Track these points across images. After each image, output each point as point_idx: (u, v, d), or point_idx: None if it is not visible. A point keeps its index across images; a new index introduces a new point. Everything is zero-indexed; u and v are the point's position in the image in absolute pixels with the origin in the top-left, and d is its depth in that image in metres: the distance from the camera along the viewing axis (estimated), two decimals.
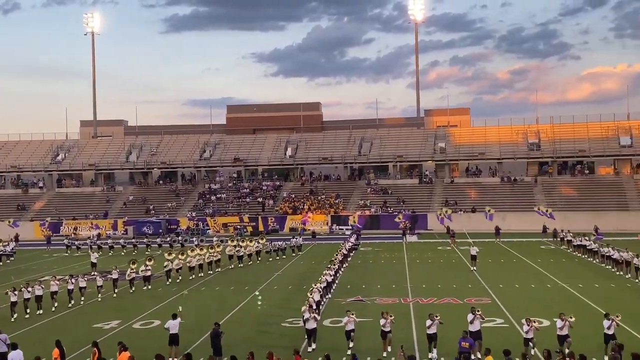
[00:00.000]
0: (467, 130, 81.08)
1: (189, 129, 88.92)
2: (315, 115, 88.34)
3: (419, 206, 67.75)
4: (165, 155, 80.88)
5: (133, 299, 31.76)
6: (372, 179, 74.87)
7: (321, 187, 74.15)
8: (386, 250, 48.98)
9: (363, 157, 77.36)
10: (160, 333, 23.10)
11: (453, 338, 19.65)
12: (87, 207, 73.64)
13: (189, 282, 36.00)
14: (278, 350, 20.73)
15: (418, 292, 31.11)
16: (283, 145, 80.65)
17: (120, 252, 51.85)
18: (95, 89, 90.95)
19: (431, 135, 79.17)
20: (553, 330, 20.36)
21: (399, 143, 78.56)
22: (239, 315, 27.12)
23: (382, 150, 77.62)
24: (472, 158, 75.08)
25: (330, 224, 65.75)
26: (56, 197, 76.81)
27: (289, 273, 38.91)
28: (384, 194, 70.86)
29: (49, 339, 21.72)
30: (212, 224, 67.07)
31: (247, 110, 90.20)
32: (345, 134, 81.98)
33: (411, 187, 72.89)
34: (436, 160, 75.71)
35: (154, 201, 73.76)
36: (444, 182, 72.99)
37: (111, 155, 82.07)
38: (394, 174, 76.82)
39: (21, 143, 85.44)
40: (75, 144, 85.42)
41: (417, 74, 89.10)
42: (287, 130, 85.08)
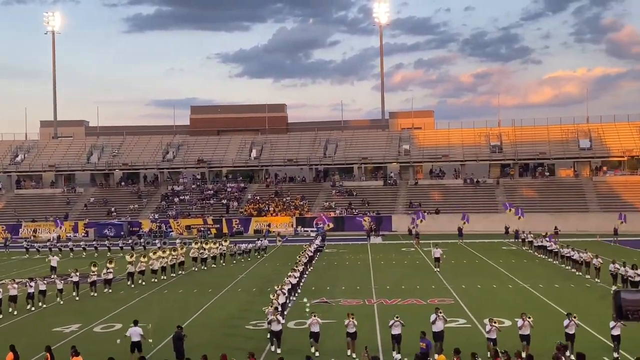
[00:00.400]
0: (431, 132, 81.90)
1: (152, 129, 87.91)
2: (280, 116, 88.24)
3: (384, 208, 68.13)
4: (127, 156, 79.82)
5: (94, 302, 31.20)
6: (337, 181, 75.05)
7: (286, 188, 74.03)
8: (351, 252, 49.10)
9: (328, 158, 77.50)
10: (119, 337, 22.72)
11: (417, 339, 19.76)
12: (47, 208, 72.17)
13: (152, 285, 35.54)
14: (242, 353, 20.59)
15: (382, 293, 31.23)
16: (248, 147, 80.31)
17: (81, 254, 50.96)
18: (56, 89, 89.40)
19: (395, 138, 79.73)
20: (515, 330, 20.62)
21: (364, 145, 78.93)
22: (202, 319, 26.85)
23: (347, 152, 77.87)
24: (436, 160, 75.88)
25: (295, 225, 65.65)
26: (15, 198, 75.17)
27: (253, 275, 38.71)
28: (348, 196, 71.08)
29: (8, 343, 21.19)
30: (175, 226, 66.40)
31: (212, 111, 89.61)
32: (311, 135, 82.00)
33: (376, 189, 73.27)
34: (400, 162, 76.26)
35: (116, 203, 72.69)
36: (408, 183, 73.57)
37: (72, 156, 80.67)
38: (359, 175, 77.15)
39: None
40: (35, 145, 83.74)
41: (381, 76, 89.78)
42: (252, 131, 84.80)
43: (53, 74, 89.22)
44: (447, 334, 20.50)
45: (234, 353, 20.53)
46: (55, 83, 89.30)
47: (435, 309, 20.85)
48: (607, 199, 65.66)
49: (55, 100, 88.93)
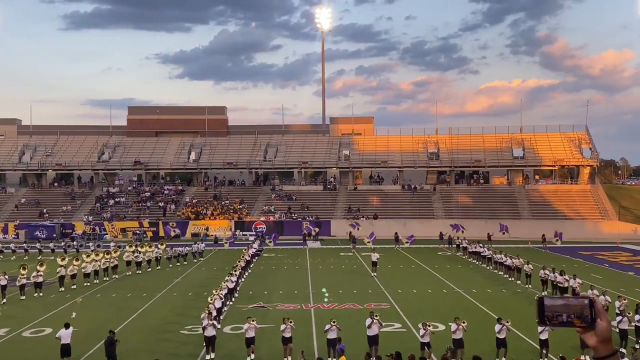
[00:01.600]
0: (370, 138, 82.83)
1: (88, 129, 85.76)
2: (221, 119, 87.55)
3: (323, 212, 68.43)
4: (61, 156, 77.57)
5: (23, 306, 30.15)
6: (277, 185, 74.95)
7: (225, 192, 73.43)
8: (289, 256, 49.09)
9: (268, 162, 77.33)
10: (51, 342, 22.05)
11: (353, 343, 19.92)
12: None
13: (84, 288, 34.60)
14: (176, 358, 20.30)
15: (320, 298, 31.33)
16: (187, 149, 79.30)
17: (10, 256, 49.16)
18: None
19: (336, 143, 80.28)
20: (448, 334, 21.04)
21: (304, 149, 79.14)
22: (136, 323, 26.31)
23: (287, 156, 77.90)
24: (375, 166, 76.78)
25: (234, 229, 65.18)
26: None
27: (189, 279, 38.19)
28: (288, 200, 71.08)
29: None
30: (110, 228, 64.91)
31: (150, 112, 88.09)
32: (251, 139, 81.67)
33: (315, 194, 73.54)
34: (340, 168, 76.80)
35: (48, 204, 70.50)
36: (348, 189, 74.14)
37: (3, 156, 77.84)
38: (299, 180, 77.26)
39: None
40: None
41: (323, 81, 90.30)
42: (191, 133, 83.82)
43: None
44: (382, 338, 20.74)
45: (168, 358, 20.25)
46: None
47: (370, 313, 21.07)
48: (538, 207, 67.85)
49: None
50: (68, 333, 19.73)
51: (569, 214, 65.76)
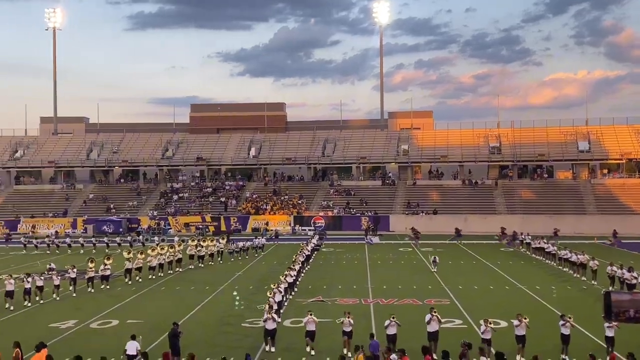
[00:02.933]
0: (430, 133, 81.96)
1: (152, 127, 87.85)
2: (280, 115, 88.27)
3: (382, 208, 68.19)
4: (127, 153, 79.84)
5: (91, 298, 31.25)
6: (335, 180, 75.09)
7: (284, 187, 74.07)
8: (348, 251, 49.16)
9: (327, 158, 77.55)
10: (118, 333, 22.84)
11: (413, 339, 19.86)
12: (46, 204, 72.18)
13: (149, 281, 35.60)
14: (238, 351, 20.69)
15: (379, 293, 31.30)
16: (247, 145, 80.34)
17: (79, 250, 50.98)
18: (56, 85, 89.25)
19: (394, 138, 79.81)
20: (510, 331, 20.71)
21: (363, 145, 78.99)
22: (199, 316, 26.91)
23: (345, 151, 77.94)
24: (434, 161, 75.94)
25: (293, 224, 65.70)
26: (14, 194, 75.17)
27: (250, 273, 38.76)
28: (347, 195, 71.14)
29: (5, 339, 21.27)
30: (174, 223, 66.44)
31: (211, 110, 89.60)
32: (309, 134, 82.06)
33: (374, 189, 73.33)
34: (399, 163, 76.32)
35: (115, 200, 72.72)
36: (407, 184, 73.62)
37: (71, 153, 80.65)
38: (357, 175, 77.21)
39: None
40: (35, 141, 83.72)
41: (381, 76, 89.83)
42: (251, 130, 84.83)
43: (54, 70, 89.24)
44: (442, 334, 20.59)
45: (230, 351, 20.66)
46: (55, 79, 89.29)
47: (430, 309, 20.93)
48: (604, 202, 65.74)
49: (56, 97, 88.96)
50: (134, 345, 19.73)
51: (637, 209, 63.46)
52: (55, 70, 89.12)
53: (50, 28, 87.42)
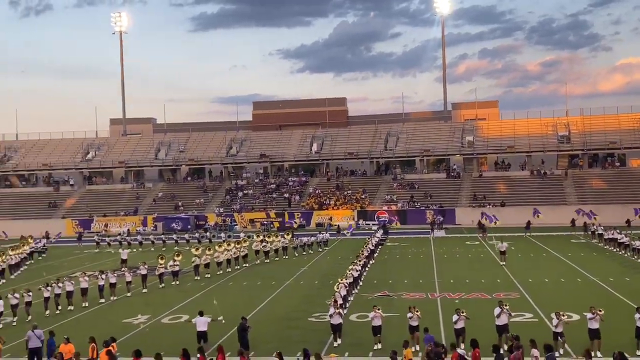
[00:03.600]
0: (495, 123, 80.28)
1: (216, 125, 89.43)
2: (341, 110, 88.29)
3: (447, 201, 67.28)
4: (193, 152, 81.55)
5: (162, 294, 32.09)
6: (398, 174, 74.53)
7: (347, 182, 74.04)
8: (413, 246, 48.75)
9: (389, 151, 77.03)
10: (188, 328, 23.34)
11: (482, 333, 19.50)
12: (117, 204, 74.54)
13: (217, 277, 36.26)
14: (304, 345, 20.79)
15: (446, 287, 30.91)
16: (309, 141, 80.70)
17: (149, 248, 52.40)
18: (124, 88, 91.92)
19: (459, 129, 78.55)
20: (583, 325, 20.09)
21: (426, 137, 78.09)
22: (266, 310, 27.24)
23: (408, 144, 77.24)
24: (501, 151, 74.28)
25: (357, 219, 65.64)
26: (87, 194, 77.93)
27: (315, 268, 38.95)
28: (410, 189, 70.52)
29: (81, 334, 22.08)
30: (240, 219, 67.47)
31: (273, 107, 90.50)
32: (371, 128, 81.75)
33: (438, 182, 72.41)
34: (464, 154, 75.08)
35: (183, 197, 74.40)
36: (472, 176, 72.37)
37: (140, 153, 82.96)
38: (421, 168, 76.39)
39: (52, 141, 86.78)
40: (105, 142, 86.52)
41: (443, 67, 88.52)
42: (313, 125, 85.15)
43: (121, 73, 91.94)
44: (513, 328, 20.16)
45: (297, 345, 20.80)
46: (123, 82, 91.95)
47: (499, 303, 20.52)
48: None
49: (124, 99, 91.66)
50: (202, 320, 20.73)
51: None
52: (123, 73, 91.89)
53: (116, 32, 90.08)
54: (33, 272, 40.73)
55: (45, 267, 43.26)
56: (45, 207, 74.30)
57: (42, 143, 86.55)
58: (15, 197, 77.79)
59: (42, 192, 78.79)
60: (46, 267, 43.24)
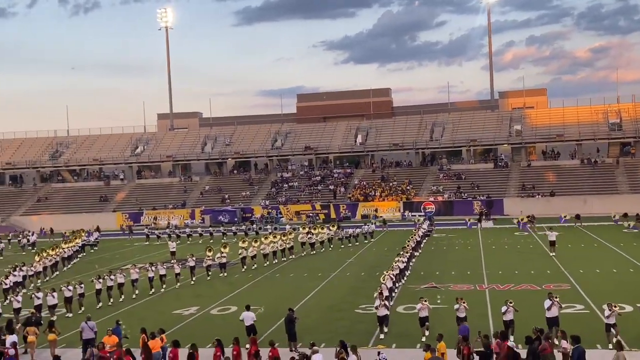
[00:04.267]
0: (544, 111, 78.62)
1: (261, 119, 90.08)
2: (386, 101, 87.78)
3: (494, 191, 66.29)
4: (238, 145, 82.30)
5: (210, 285, 32.56)
6: (444, 165, 73.77)
7: (392, 173, 73.65)
8: (460, 237, 48.23)
9: (435, 142, 76.28)
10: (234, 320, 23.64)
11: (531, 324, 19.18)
12: (165, 197, 75.84)
13: (263, 268, 36.59)
14: (351, 337, 20.83)
15: (494, 278, 30.51)
16: (353, 133, 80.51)
17: (197, 240, 53.18)
18: (171, 83, 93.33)
19: (506, 118, 77.20)
20: (637, 316, 19.57)
21: (473, 127, 77.02)
22: (312, 302, 27.36)
23: (454, 134, 76.34)
24: (550, 140, 72.71)
25: (402, 210, 65.28)
26: (136, 188, 79.50)
27: (361, 260, 38.93)
28: (457, 180, 69.73)
29: (132, 325, 22.60)
30: (285, 212, 67.85)
31: (317, 99, 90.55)
32: (417, 119, 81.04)
33: (485, 172, 71.38)
34: (512, 144, 73.78)
35: (229, 190, 75.21)
36: (520, 165, 71.10)
37: (187, 147, 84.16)
38: (468, 158, 75.43)
39: (102, 137, 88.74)
40: (153, 137, 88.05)
41: (490, 55, 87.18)
42: (357, 117, 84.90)
43: (167, 68, 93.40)
44: (564, 320, 19.79)
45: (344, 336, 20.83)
46: (170, 77, 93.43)
47: (549, 295, 20.14)
48: None
49: (171, 94, 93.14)
50: (250, 315, 20.88)
51: None
52: (169, 68, 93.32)
53: (162, 27, 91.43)
54: (85, 265, 41.84)
55: (97, 259, 44.40)
56: (96, 201, 76.12)
57: (92, 138, 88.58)
58: (67, 191, 79.92)
59: (93, 187, 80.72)
60: (98, 259, 44.38)
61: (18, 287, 31.29)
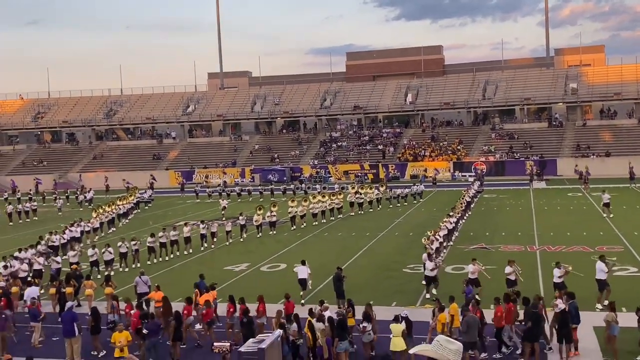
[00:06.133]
0: (601, 69, 75.96)
1: (310, 78, 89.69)
2: (437, 59, 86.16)
3: (548, 151, 64.86)
4: (287, 104, 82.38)
5: (260, 243, 33.12)
6: (497, 124, 72.37)
7: (443, 133, 72.71)
8: (512, 197, 47.56)
9: (487, 101, 74.75)
10: (286, 275, 24.09)
11: (582, 287, 18.95)
12: (216, 156, 76.84)
13: (312, 227, 36.95)
14: (400, 295, 20.98)
15: (545, 239, 30.10)
16: (403, 91, 79.54)
17: (247, 199, 53.88)
18: (221, 42, 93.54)
19: (562, 76, 74.95)
20: None
21: (527, 85, 75.09)
22: (361, 261, 27.58)
23: (507, 93, 74.60)
24: (607, 99, 70.39)
25: (453, 170, 64.61)
26: (188, 147, 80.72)
27: (409, 220, 38.86)
28: (509, 139, 68.41)
29: (185, 280, 23.27)
30: (334, 171, 67.98)
31: (367, 57, 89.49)
32: (469, 77, 79.43)
33: (539, 131, 69.77)
34: (567, 102, 71.75)
35: (278, 150, 75.66)
36: (576, 125, 69.20)
37: (237, 106, 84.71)
38: (521, 117, 73.78)
39: (154, 96, 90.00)
40: (204, 96, 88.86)
41: (546, 10, 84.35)
42: (408, 75, 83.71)
43: (218, 27, 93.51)
44: (615, 283, 19.46)
45: (392, 296, 21.05)
46: (220, 36, 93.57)
47: (601, 257, 19.82)
48: None
49: (221, 53, 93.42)
50: (303, 269, 21.41)
51: None
52: (219, 27, 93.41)
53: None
54: (140, 221, 43.02)
55: (151, 216, 45.57)
56: (149, 159, 77.70)
57: (145, 97, 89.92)
58: (121, 149, 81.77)
59: (147, 145, 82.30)
60: (152, 216, 45.55)
61: (75, 242, 32.40)
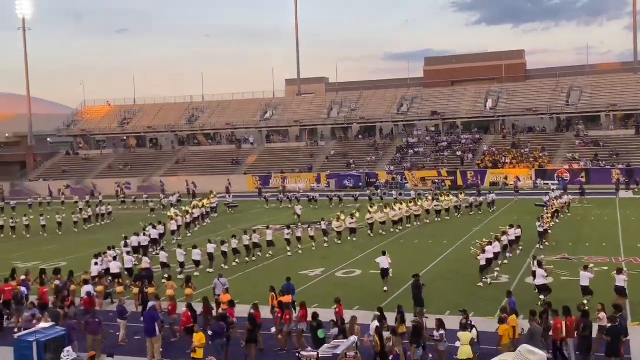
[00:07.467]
0: None
1: (386, 83, 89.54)
2: (519, 63, 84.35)
3: (636, 159, 62.18)
4: (364, 110, 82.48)
5: (339, 248, 33.29)
6: (581, 130, 69.99)
7: (524, 139, 70.92)
8: (597, 207, 45.87)
9: (571, 106, 72.41)
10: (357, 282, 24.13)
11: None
12: (293, 161, 77.78)
13: (390, 234, 36.81)
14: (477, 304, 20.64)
15: (632, 251, 28.89)
16: (483, 97, 78.12)
17: (326, 204, 53.76)
18: (299, 49, 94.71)
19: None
20: None
21: (613, 90, 72.32)
22: (437, 268, 27.30)
23: (593, 99, 72.05)
24: None
25: (535, 178, 62.89)
26: (265, 152, 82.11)
27: (488, 228, 38.07)
28: (594, 147, 66.00)
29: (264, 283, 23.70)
30: (410, 177, 67.49)
31: (445, 62, 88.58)
32: (552, 82, 77.22)
33: (626, 139, 67.01)
34: None
35: (354, 155, 75.81)
36: None
37: (314, 112, 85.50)
38: (607, 124, 71.08)
39: (234, 102, 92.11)
40: (282, 102, 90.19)
41: (634, 13, 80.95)
42: (488, 81, 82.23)
43: (296, 34, 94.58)
44: None
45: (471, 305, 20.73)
46: (298, 43, 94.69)
47: None
48: None
49: (299, 60, 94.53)
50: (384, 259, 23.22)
51: None
52: (297, 34, 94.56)
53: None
54: (219, 225, 44.05)
55: (230, 219, 46.58)
56: (228, 163, 79.50)
57: (225, 104, 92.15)
58: (202, 154, 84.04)
59: (226, 150, 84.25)
60: (231, 219, 46.55)
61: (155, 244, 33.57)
